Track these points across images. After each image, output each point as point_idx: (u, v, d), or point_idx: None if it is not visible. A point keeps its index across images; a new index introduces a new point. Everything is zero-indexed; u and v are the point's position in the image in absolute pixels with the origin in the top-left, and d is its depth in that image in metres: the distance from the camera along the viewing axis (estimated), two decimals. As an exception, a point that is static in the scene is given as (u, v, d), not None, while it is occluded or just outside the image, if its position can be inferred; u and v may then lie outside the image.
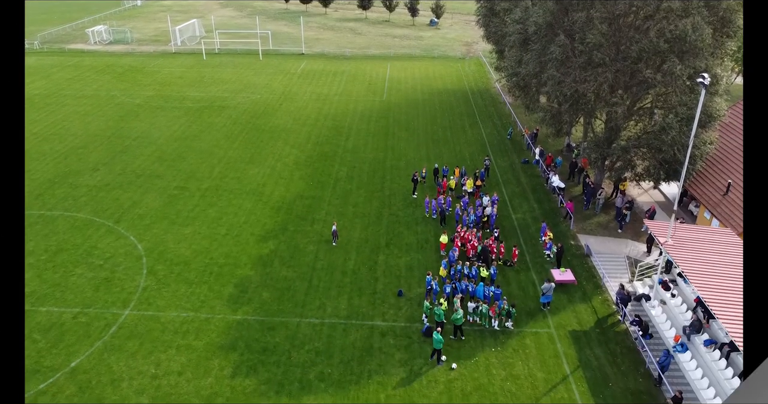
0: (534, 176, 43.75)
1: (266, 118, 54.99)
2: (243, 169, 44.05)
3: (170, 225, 36.19)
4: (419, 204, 38.98)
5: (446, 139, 50.63)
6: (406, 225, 36.56)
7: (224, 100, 60.26)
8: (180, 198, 39.53)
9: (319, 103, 59.89)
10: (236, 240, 34.55)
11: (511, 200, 39.96)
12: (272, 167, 44.52)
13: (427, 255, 33.44)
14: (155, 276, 31.11)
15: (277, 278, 31.06)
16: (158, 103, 59.18)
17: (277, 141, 49.66)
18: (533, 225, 36.90)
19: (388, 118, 55.62)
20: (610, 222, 37.44)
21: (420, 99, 61.68)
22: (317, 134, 51.38)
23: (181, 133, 51.05)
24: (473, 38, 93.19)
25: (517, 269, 32.32)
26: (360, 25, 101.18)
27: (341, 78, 69.18)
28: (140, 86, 64.70)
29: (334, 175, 43.46)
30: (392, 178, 42.96)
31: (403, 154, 47.34)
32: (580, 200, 40.05)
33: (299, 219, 36.95)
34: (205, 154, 46.66)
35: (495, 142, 50.25)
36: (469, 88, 66.35)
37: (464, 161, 46.01)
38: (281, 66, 74.33)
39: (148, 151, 47.12)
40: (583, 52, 33.32)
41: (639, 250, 34.24)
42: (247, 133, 51.21)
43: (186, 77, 68.45)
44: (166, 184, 41.56)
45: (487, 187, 41.50)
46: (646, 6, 31.76)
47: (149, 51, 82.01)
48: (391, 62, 77.05)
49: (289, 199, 39.64)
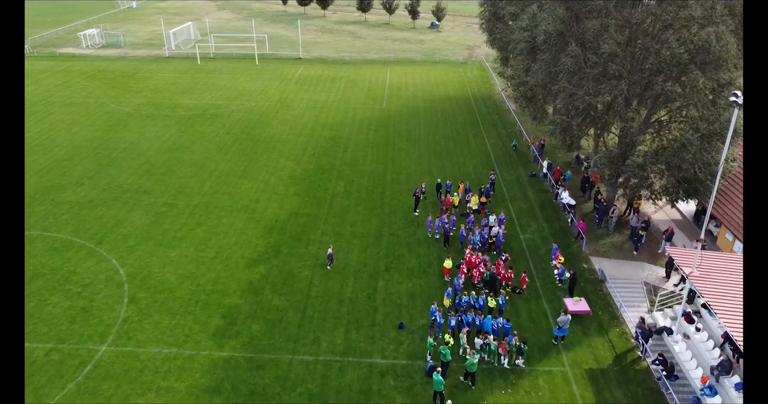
0: (542, 191, 41.46)
1: (261, 128, 52.71)
2: (235, 184, 41.76)
3: (156, 246, 33.90)
4: (421, 223, 36.71)
5: (449, 151, 48.34)
6: (408, 247, 34.28)
7: (218, 107, 57.97)
8: (167, 216, 37.24)
9: (316, 111, 57.61)
10: (225, 264, 32.25)
11: (518, 218, 37.68)
12: (266, 181, 42.23)
13: (429, 280, 31.16)
14: (137, 306, 28.81)
15: (268, 308, 28.77)
16: (149, 111, 56.89)
17: (272, 152, 47.36)
18: (543, 246, 34.62)
19: (388, 128, 53.34)
20: (624, 243, 35.16)
21: (421, 107, 59.41)
22: (314, 145, 49.09)
23: (171, 144, 48.75)
24: (475, 41, 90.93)
25: (527, 297, 30.03)
26: (359, 28, 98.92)
27: (339, 84, 66.90)
28: (131, 93, 62.41)
29: (331, 190, 41.17)
30: (392, 194, 40.67)
31: (403, 167, 45.05)
32: (591, 218, 37.78)
33: (293, 241, 34.66)
34: (195, 167, 44.37)
35: (500, 153, 47.96)
36: (472, 94, 64.07)
37: (468, 175, 43.71)
38: (278, 71, 72.05)
39: (136, 164, 44.81)
40: (597, 63, 31.04)
41: (657, 275, 31.96)
42: (240, 144, 48.92)
43: (179, 83, 66.16)
44: (154, 200, 39.26)
45: (492, 204, 39.23)
46: (665, 14, 29.46)
47: (142, 55, 79.74)
48: (391, 67, 74.79)
49: (283, 216, 37.35)
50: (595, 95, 31.51)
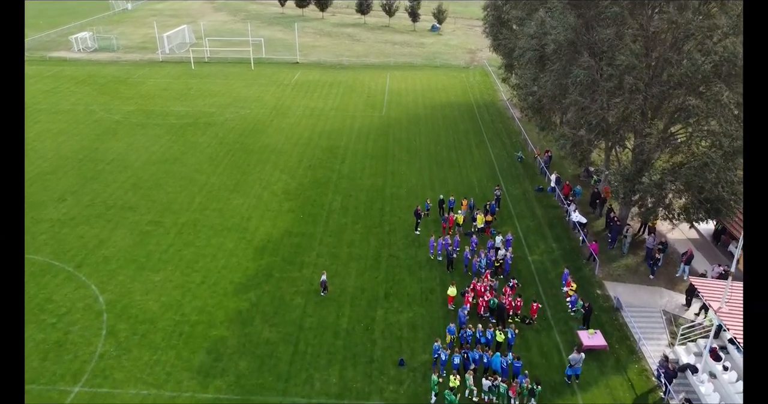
0: (550, 207, 39.25)
1: (255, 137, 50.50)
2: (226, 199, 39.55)
3: (139, 270, 31.69)
4: (423, 243, 34.50)
5: (451, 162, 46.12)
6: (408, 270, 32.07)
7: (211, 115, 55.76)
8: (153, 235, 35.03)
9: (313, 118, 55.40)
10: (212, 291, 30.04)
11: (525, 237, 35.47)
12: (259, 196, 40.01)
13: (432, 309, 28.95)
14: (115, 339, 26.61)
15: (257, 341, 26.56)
16: (139, 119, 54.68)
17: (266, 164, 45.14)
18: (553, 269, 32.41)
19: (388, 137, 51.13)
20: (640, 266, 32.95)
21: (422, 114, 57.20)
22: (310, 156, 46.88)
23: (160, 155, 46.53)
24: (477, 45, 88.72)
25: (538, 328, 27.82)
26: (358, 31, 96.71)
27: (337, 90, 64.69)
28: (121, 100, 60.19)
29: (327, 206, 38.96)
30: (392, 210, 38.46)
31: (404, 180, 42.83)
32: (603, 237, 35.59)
33: (286, 264, 32.44)
34: (185, 181, 42.15)
35: (505, 165, 45.73)
36: (475, 100, 61.87)
37: (472, 189, 41.50)
38: (274, 76, 69.83)
39: (123, 177, 42.60)
40: (612, 76, 28.81)
41: (676, 303, 29.75)
42: (233, 155, 46.70)
43: (171, 89, 63.95)
44: (139, 217, 37.05)
45: (498, 221, 37.03)
46: (687, 22, 27.23)
47: (135, 59, 77.53)
48: (390, 72, 72.58)
49: (275, 236, 35.14)
50: (609, 109, 29.28)
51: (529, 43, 36.13)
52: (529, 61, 36.46)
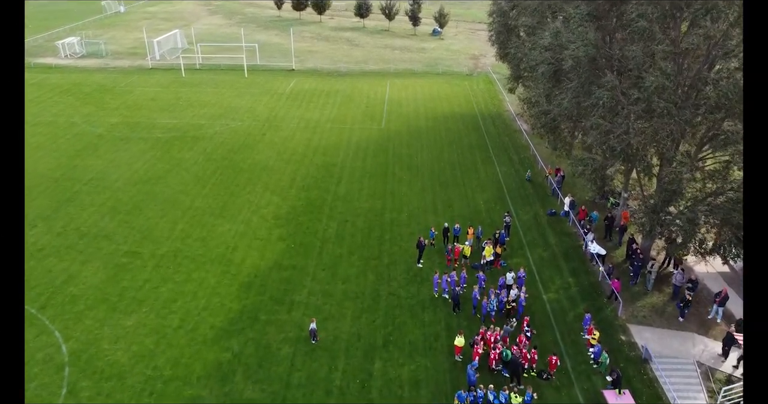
0: (564, 234, 35.96)
1: (245, 153, 47.22)
2: (211, 226, 36.28)
3: (109, 311, 28.43)
4: (426, 278, 31.25)
5: (456, 181, 42.83)
6: (410, 312, 28.80)
7: (199, 128, 52.50)
8: (128, 269, 31.76)
9: (308, 132, 52.13)
10: (190, 337, 26.77)
11: (539, 271, 32.20)
12: (247, 222, 36.74)
13: (437, 360, 25.68)
14: (75, 399, 23.34)
15: (238, 402, 23.29)
16: (123, 132, 51.42)
17: (256, 184, 41.86)
18: (571, 309, 29.14)
19: (388, 153, 47.85)
20: (667, 305, 29.67)
21: (423, 126, 53.93)
22: (304, 175, 43.60)
23: (143, 174, 43.26)
24: (480, 50, 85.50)
25: (557, 384, 24.54)
26: (357, 35, 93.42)
27: (335, 99, 61.41)
28: (106, 111, 56.92)
29: (321, 233, 35.69)
30: (392, 238, 35.19)
31: (405, 203, 39.55)
32: (623, 270, 32.34)
33: (274, 304, 29.17)
34: (167, 204, 38.87)
35: (513, 184, 42.45)
36: (479, 111, 58.60)
37: (478, 213, 38.24)
38: (268, 84, 66.56)
39: (101, 199, 39.33)
40: (640, 99, 25.51)
41: (712, 352, 26.46)
42: (221, 174, 43.42)
43: (159, 99, 60.67)
44: (115, 247, 33.78)
45: (508, 251, 33.77)
46: (725, 38, 23.95)
47: (124, 66, 74.27)
48: (390, 80, 69.29)
49: (263, 270, 31.88)
50: (637, 134, 25.99)
51: (543, 55, 32.85)
52: (543, 75, 33.17)
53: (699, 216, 26.18)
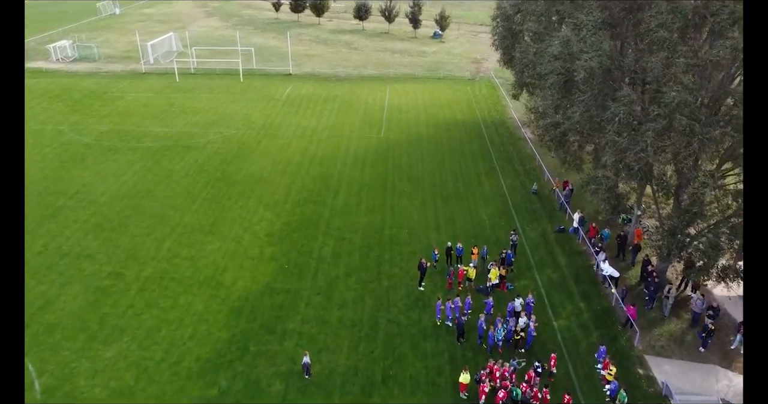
0: (574, 254, 34.01)
1: (239, 163, 45.25)
2: (200, 244, 34.32)
3: (88, 342, 26.47)
4: (428, 303, 29.29)
5: (458, 194, 40.86)
6: (411, 341, 26.84)
7: (192, 137, 50.52)
8: (110, 293, 29.80)
9: (304, 140, 50.16)
10: (174, 372, 24.82)
11: (548, 295, 30.23)
12: (238, 240, 34.78)
13: (441, 397, 23.74)
14: (47, 445, 21.42)
15: (223, 449, 21.37)
16: (112, 141, 49.45)
17: (249, 198, 39.89)
18: (583, 338, 27.19)
19: (387, 163, 45.88)
20: (686, 334, 27.72)
21: (424, 134, 51.96)
22: (299, 187, 41.63)
23: (131, 186, 41.30)
24: (482, 53, 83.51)
25: (571, 426, 22.58)
26: (356, 38, 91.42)
27: (332, 106, 59.43)
28: (95, 118, 54.95)
29: (316, 252, 33.73)
30: (392, 258, 33.23)
31: (405, 218, 37.58)
32: (638, 293, 30.42)
33: (265, 332, 27.21)
34: (155, 220, 36.91)
35: (519, 198, 40.47)
36: (482, 118, 56.62)
37: (483, 229, 36.28)
38: (264, 89, 64.58)
39: (85, 215, 37.37)
40: (660, 116, 23.53)
41: (737, 389, 24.49)
42: (212, 187, 41.44)
43: (152, 105, 58.68)
44: (97, 269, 31.82)
45: (515, 272, 31.82)
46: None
47: (116, 70, 72.26)
48: (390, 85, 67.30)
49: (254, 293, 29.92)
50: (656, 153, 24.03)
51: (552, 65, 30.87)
52: (552, 86, 31.19)
53: (721, 239, 24.22)
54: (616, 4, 26.74)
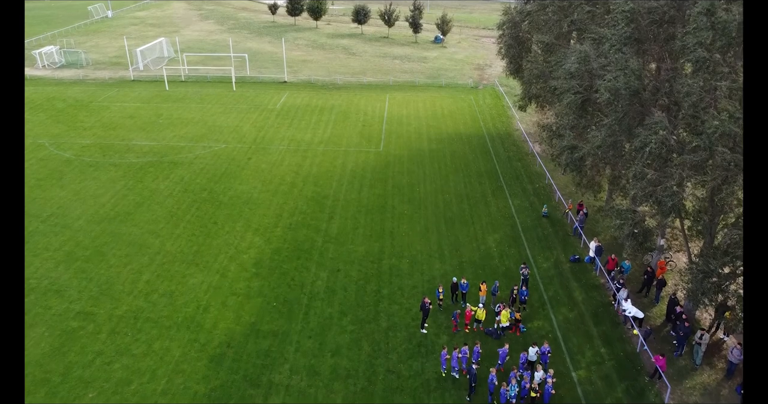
0: (592, 288, 30.98)
1: (227, 182, 42.23)
2: (181, 277, 31.30)
3: (48, 397, 23.43)
4: (431, 349, 26.27)
5: (463, 218, 37.85)
6: (413, 397, 23.80)
7: (179, 151, 47.51)
8: (78, 337, 26.77)
9: (298, 156, 47.15)
10: (143, 437, 21.79)
11: (565, 338, 27.20)
12: (223, 272, 31.76)
13: (446, 470, 20.70)
14: None
15: None
16: (94, 156, 46.44)
17: (237, 222, 36.89)
18: (607, 394, 24.14)
19: (386, 182, 42.86)
20: (721, 386, 24.69)
21: (426, 149, 48.95)
22: (291, 209, 38.62)
23: (110, 208, 38.29)
24: (485, 59, 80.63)
25: None
26: (355, 43, 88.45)
27: (329, 117, 56.43)
28: (78, 130, 51.96)
29: (308, 286, 30.70)
30: (391, 294, 30.21)
31: (405, 246, 34.58)
32: (664, 334, 27.40)
33: (248, 385, 24.18)
34: (133, 248, 33.90)
35: (529, 222, 37.46)
36: (487, 130, 53.62)
37: (490, 259, 33.27)
38: (257, 99, 61.58)
39: (58, 242, 34.37)
40: (699, 148, 20.53)
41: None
42: (197, 209, 38.43)
43: (138, 116, 55.68)
44: (66, 307, 28.79)
45: (528, 311, 28.80)
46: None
47: (104, 78, 69.27)
48: (390, 93, 64.30)
49: (238, 337, 26.88)
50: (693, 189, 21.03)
51: (569, 83, 27.84)
52: (569, 106, 28.16)
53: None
54: (645, 17, 23.73)
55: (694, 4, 21.64)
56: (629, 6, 23.43)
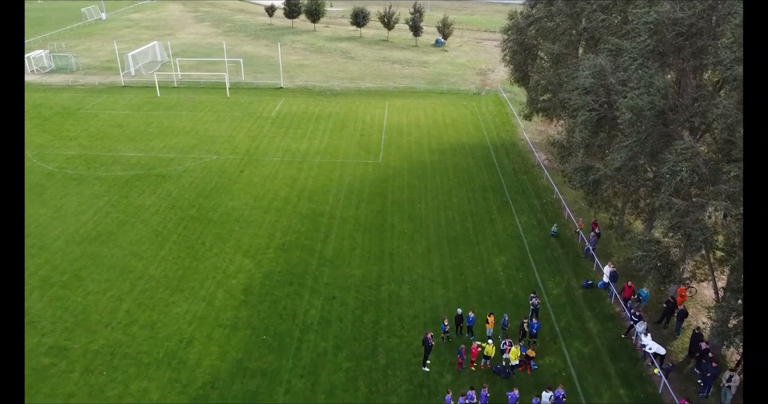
0: (607, 318, 28.71)
1: (217, 198, 39.98)
2: (164, 305, 29.04)
3: (11, 450, 21.14)
4: (434, 391, 24.01)
5: (467, 237, 35.60)
6: (414, 448, 21.56)
7: (168, 163, 45.26)
8: (48, 377, 24.50)
9: (293, 168, 44.89)
10: None
11: (580, 377, 24.93)
12: (209, 300, 29.50)
13: None
14: None
15: None
16: (78, 169, 44.19)
17: (226, 242, 34.64)
18: (628, 443, 21.89)
19: (385, 197, 40.60)
20: (753, 435, 22.37)
21: (428, 161, 46.68)
22: (285, 228, 36.38)
23: (92, 227, 36.05)
24: (488, 63, 78.41)
25: None
26: (353, 46, 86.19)
27: (326, 125, 54.17)
28: (64, 140, 49.71)
29: (301, 316, 28.44)
30: (389, 325, 27.95)
31: (406, 270, 32.32)
32: (687, 373, 25.16)
33: (233, 436, 21.93)
34: (114, 272, 31.65)
35: (537, 242, 35.20)
36: (490, 140, 51.37)
37: (497, 285, 31.01)
38: (252, 106, 59.33)
39: (33, 266, 32.11)
40: (737, 177, 18.28)
41: None
42: (185, 228, 36.19)
43: (127, 125, 53.43)
44: (37, 341, 26.52)
45: (538, 345, 26.54)
46: None
47: (94, 83, 67.01)
48: (389, 100, 62.03)
49: (223, 376, 24.62)
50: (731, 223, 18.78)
51: (584, 99, 25.58)
52: (584, 124, 25.89)
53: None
54: (670, 28, 21.42)
55: (729, 14, 19.43)
56: (653, 17, 21.17)
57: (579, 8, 32.02)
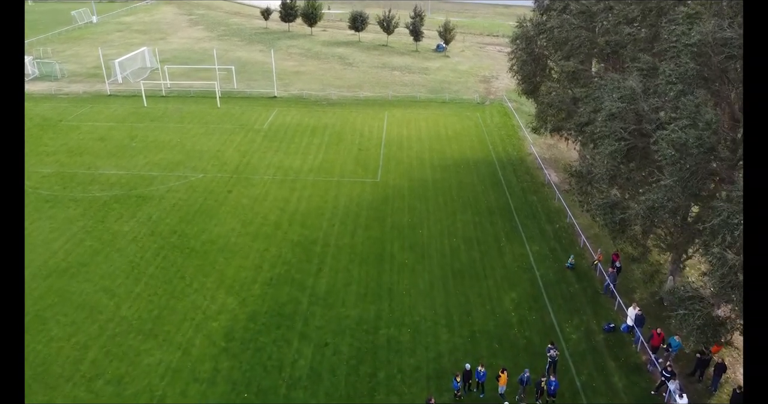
0: (632, 370, 25.47)
1: (201, 222, 36.76)
2: (135, 354, 25.81)
3: None
4: (439, 464, 20.79)
5: (474, 270, 32.38)
6: None
7: (150, 182, 42.03)
8: (-5, 447, 21.25)
9: (285, 188, 41.65)
10: None
11: (607, 446, 21.71)
12: (186, 348, 26.26)
13: None
14: None
15: None
16: (54, 189, 40.97)
17: (208, 276, 31.42)
18: None
19: (384, 221, 37.38)
20: None
21: (430, 179, 43.44)
22: (274, 258, 33.17)
23: (62, 258, 32.84)
24: (491, 70, 75.17)
25: None
26: (351, 52, 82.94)
27: (321, 139, 50.93)
28: (40, 156, 46.47)
29: (288, 369, 25.20)
30: (389, 377, 24.72)
31: (407, 309, 29.09)
32: (730, 441, 21.92)
33: None
34: (82, 313, 28.42)
35: (551, 275, 31.98)
36: (496, 155, 48.14)
37: (508, 328, 27.78)
38: (244, 117, 56.10)
39: (-7, 305, 28.83)
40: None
41: None
42: (164, 258, 32.97)
43: (110, 138, 50.20)
44: (-13, 400, 23.27)
45: (557, 404, 23.33)
46: None
47: (79, 92, 63.77)
48: (389, 110, 58.77)
49: (197, 446, 21.41)
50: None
51: (611, 126, 22.35)
52: (611, 155, 22.64)
53: None
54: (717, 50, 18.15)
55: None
56: (695, 39, 17.93)
57: (599, 20, 28.78)
